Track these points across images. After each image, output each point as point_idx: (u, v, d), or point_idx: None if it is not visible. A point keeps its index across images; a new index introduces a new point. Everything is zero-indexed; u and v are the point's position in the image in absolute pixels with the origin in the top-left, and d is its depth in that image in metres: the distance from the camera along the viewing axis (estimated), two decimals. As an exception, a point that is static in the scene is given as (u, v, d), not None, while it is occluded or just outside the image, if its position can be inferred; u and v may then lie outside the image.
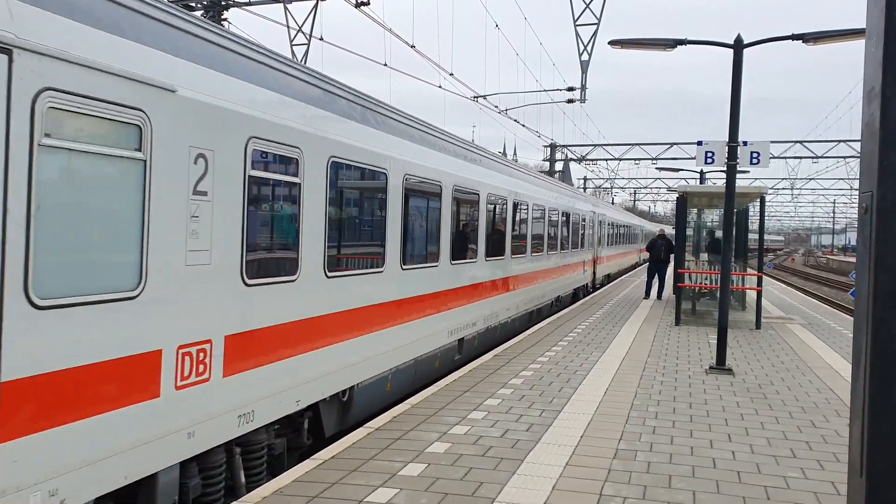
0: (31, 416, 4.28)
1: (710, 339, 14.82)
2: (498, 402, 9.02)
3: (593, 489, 6.09)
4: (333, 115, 7.94)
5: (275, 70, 6.95)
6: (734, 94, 11.77)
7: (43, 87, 4.28)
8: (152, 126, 5.10)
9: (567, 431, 7.81)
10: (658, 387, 10.25)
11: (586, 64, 26.67)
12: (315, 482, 6.05)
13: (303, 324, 7.17)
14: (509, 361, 11.75)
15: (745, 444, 7.63)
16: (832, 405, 9.54)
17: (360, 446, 7.07)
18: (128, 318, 4.96)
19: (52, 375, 4.41)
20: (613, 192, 74.64)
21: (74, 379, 4.57)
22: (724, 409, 9.08)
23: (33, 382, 4.29)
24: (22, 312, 4.20)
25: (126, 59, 4.92)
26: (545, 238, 18.71)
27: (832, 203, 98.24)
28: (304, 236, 7.21)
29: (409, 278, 9.82)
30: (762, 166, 12.11)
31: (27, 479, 4.25)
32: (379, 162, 8.89)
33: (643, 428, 8.07)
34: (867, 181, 2.70)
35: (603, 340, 14.35)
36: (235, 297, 6.12)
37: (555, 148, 43.56)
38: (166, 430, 5.32)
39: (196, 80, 5.61)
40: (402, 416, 8.23)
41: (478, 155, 13.60)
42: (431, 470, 6.44)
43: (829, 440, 7.89)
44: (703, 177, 38.01)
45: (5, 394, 4.11)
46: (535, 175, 19.84)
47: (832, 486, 6.42)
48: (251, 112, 6.30)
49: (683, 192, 19.73)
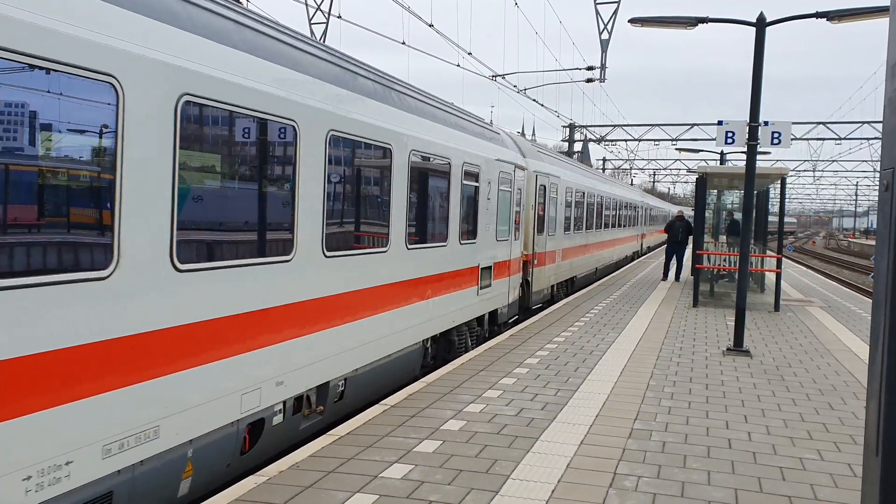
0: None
1: (727, 321, 14.76)
2: (513, 381, 9.04)
3: (608, 468, 6.10)
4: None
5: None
6: (756, 73, 11.61)
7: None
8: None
9: (582, 411, 7.83)
10: (674, 368, 10.23)
11: (606, 43, 26.40)
12: (331, 457, 6.11)
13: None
14: (525, 341, 11.76)
15: (762, 425, 7.61)
16: (850, 388, 9.48)
17: (375, 423, 7.12)
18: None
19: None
20: (633, 173, 74.15)
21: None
22: (740, 391, 9.05)
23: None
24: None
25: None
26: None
27: (854, 185, 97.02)
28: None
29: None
30: (783, 146, 11.96)
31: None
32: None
33: (659, 408, 8.06)
34: (889, 158, 2.66)
35: (620, 321, 14.32)
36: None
37: (574, 128, 43.25)
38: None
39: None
40: (417, 393, 8.28)
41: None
42: (446, 447, 6.48)
43: (847, 422, 7.85)
44: (724, 158, 37.66)
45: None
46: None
47: (848, 467, 6.39)
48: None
49: (703, 173, 19.57)
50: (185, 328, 5.28)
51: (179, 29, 5.21)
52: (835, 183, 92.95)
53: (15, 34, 3.90)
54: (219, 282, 5.63)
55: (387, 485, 5.56)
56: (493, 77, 26.49)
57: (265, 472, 5.76)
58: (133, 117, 4.71)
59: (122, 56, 4.61)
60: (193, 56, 5.30)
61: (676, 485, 5.80)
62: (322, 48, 7.68)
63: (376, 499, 5.29)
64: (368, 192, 8.36)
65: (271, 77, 6.29)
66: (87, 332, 4.42)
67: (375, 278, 8.31)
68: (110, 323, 4.59)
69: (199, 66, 5.34)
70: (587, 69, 28.33)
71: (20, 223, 4.08)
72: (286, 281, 6.53)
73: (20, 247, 4.07)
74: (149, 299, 4.92)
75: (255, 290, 6.09)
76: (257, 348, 6.15)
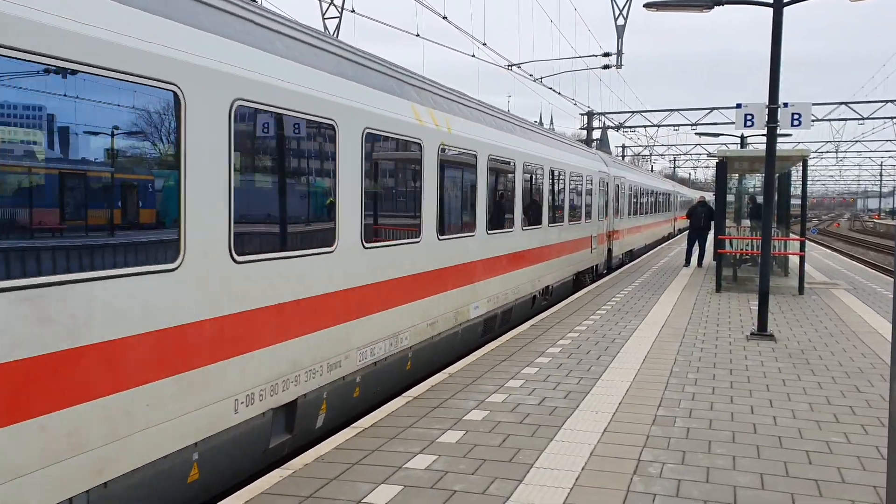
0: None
1: (751, 306, 14.63)
2: (535, 370, 9.04)
3: (632, 455, 6.09)
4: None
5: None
6: (774, 54, 11.47)
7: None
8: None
9: (605, 398, 7.81)
10: (698, 353, 10.17)
11: (622, 28, 26.21)
12: (355, 449, 6.15)
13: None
14: (547, 331, 11.75)
15: (787, 409, 7.55)
16: (877, 370, 9.38)
17: (398, 414, 7.16)
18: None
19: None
20: (653, 159, 73.59)
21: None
22: (765, 375, 8.98)
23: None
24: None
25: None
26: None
27: (879, 165, 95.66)
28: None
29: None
30: (804, 128, 11.82)
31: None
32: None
33: (682, 394, 8.02)
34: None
35: (642, 309, 14.26)
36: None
37: (592, 116, 42.99)
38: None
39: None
40: (439, 385, 8.30)
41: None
42: (469, 437, 6.50)
43: (874, 404, 7.77)
44: (745, 141, 37.28)
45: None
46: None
47: (876, 450, 6.33)
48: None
49: (723, 157, 19.39)
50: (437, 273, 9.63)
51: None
52: (858, 164, 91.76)
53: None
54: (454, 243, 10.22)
55: (411, 476, 5.59)
56: (508, 67, 26.40)
57: (290, 465, 5.81)
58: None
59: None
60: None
61: (701, 470, 5.77)
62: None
63: (400, 489, 5.32)
64: (542, 195, 14.79)
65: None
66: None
67: (546, 240, 15.01)
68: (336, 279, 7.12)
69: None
70: (603, 55, 28.14)
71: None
72: (511, 241, 12.75)
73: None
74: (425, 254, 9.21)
75: (493, 246, 11.67)
76: (478, 281, 11.10)
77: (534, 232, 14.08)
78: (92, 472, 4.41)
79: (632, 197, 27.78)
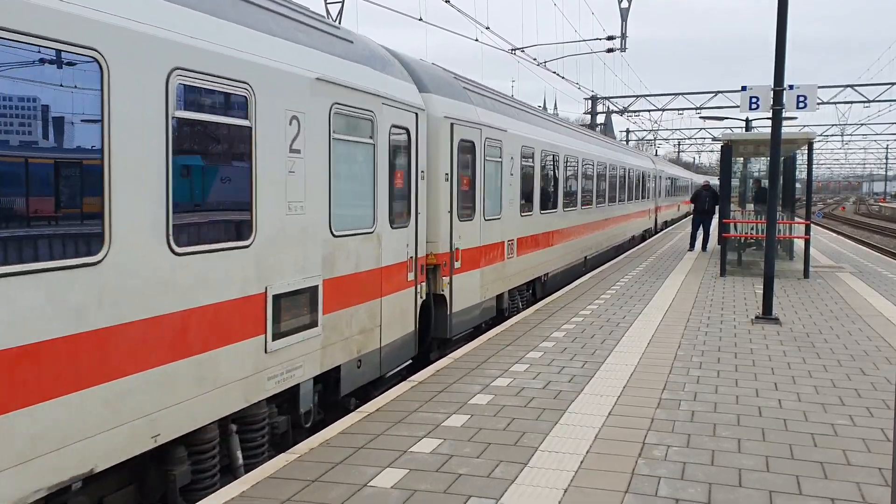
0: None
1: (756, 290, 14.61)
2: (540, 354, 9.05)
3: (636, 438, 6.10)
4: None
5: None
6: (779, 36, 11.38)
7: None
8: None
9: (610, 382, 7.82)
10: (702, 337, 10.16)
11: (626, 11, 26.03)
12: (360, 434, 6.17)
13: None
14: (551, 315, 11.75)
15: (792, 392, 7.55)
16: (883, 352, 9.37)
17: (404, 399, 7.18)
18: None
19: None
20: (657, 143, 73.30)
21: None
22: (770, 359, 8.98)
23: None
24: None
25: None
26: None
27: (885, 149, 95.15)
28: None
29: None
30: (809, 110, 11.75)
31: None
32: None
33: (687, 378, 8.03)
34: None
35: (646, 293, 14.25)
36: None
37: (596, 100, 42.81)
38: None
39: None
40: (444, 369, 8.32)
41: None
42: (474, 421, 6.51)
43: (879, 387, 7.76)
44: (749, 125, 37.10)
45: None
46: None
47: (881, 432, 6.33)
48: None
49: (728, 141, 19.29)
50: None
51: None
52: (864, 147, 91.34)
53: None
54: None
55: (416, 459, 5.60)
56: (512, 51, 26.26)
57: (296, 449, 5.83)
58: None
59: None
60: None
61: (706, 453, 5.78)
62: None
63: (406, 473, 5.34)
64: (632, 182, 26.17)
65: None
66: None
67: (636, 209, 26.87)
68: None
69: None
70: (607, 39, 27.97)
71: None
72: (622, 209, 23.33)
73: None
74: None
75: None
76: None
77: (628, 204, 25.27)
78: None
79: (666, 184, 38.96)
